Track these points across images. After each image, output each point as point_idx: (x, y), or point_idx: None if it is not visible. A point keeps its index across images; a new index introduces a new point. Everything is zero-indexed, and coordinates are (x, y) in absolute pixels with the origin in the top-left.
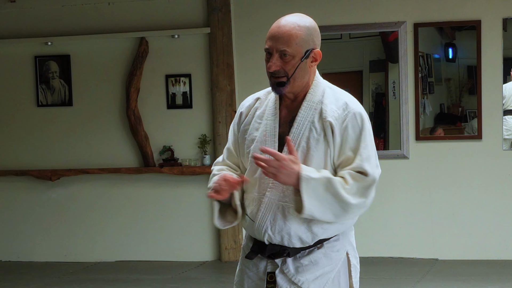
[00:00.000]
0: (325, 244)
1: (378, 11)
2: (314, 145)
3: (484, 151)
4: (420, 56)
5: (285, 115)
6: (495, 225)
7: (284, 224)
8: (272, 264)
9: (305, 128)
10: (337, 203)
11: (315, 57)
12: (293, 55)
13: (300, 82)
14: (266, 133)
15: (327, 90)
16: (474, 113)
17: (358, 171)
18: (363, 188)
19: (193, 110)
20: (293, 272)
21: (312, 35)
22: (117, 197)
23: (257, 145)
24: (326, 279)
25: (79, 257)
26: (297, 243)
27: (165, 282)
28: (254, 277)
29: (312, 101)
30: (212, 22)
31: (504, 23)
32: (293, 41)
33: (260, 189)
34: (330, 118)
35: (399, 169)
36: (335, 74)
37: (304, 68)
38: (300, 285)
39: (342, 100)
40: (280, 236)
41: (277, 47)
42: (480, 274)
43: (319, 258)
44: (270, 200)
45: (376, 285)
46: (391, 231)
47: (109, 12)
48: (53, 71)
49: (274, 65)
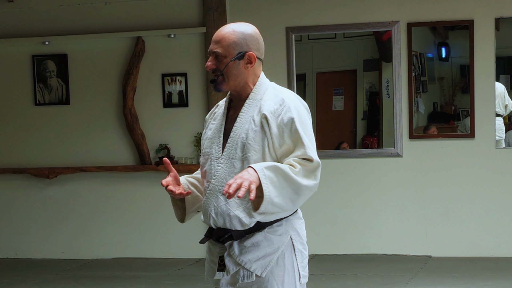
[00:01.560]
0: (266, 228)
1: (372, 10)
2: (252, 136)
3: (476, 149)
4: (414, 55)
5: (232, 113)
6: (488, 223)
7: (225, 207)
8: (221, 248)
9: (246, 122)
10: (289, 186)
11: (250, 60)
12: (224, 55)
13: (235, 81)
14: (215, 130)
15: (270, 89)
16: (467, 111)
17: (303, 158)
18: (310, 172)
19: (189, 108)
20: (237, 254)
21: (245, 39)
22: (114, 195)
23: (208, 142)
24: (268, 260)
25: (76, 254)
26: (237, 225)
27: (161, 278)
28: (211, 263)
29: (255, 99)
30: (208, 21)
31: (497, 22)
32: (224, 43)
33: (208, 178)
34: (266, 111)
35: (392, 167)
36: (330, 73)
37: (236, 67)
38: (243, 265)
39: (280, 97)
40: (223, 218)
41: (212, 48)
42: (473, 271)
43: (260, 241)
44: (214, 187)
45: (370, 282)
46: (385, 228)
47: (106, 12)
48: (50, 70)
49: (210, 64)
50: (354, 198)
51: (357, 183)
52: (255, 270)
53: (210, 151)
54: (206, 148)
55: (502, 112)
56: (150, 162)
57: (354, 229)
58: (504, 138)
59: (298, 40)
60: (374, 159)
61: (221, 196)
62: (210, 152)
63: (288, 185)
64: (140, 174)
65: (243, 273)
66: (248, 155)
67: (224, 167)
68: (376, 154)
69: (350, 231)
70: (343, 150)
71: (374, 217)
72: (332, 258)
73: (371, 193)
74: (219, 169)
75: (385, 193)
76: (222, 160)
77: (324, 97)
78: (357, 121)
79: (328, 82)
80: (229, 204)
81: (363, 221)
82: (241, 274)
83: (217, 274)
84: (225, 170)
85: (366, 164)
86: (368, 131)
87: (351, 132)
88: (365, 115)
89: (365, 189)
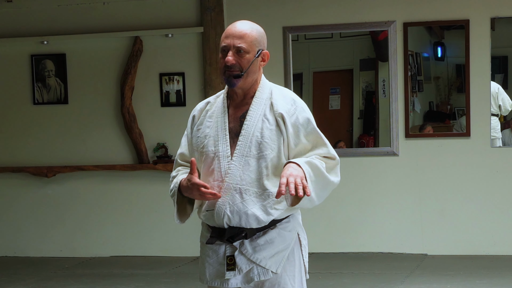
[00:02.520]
0: (278, 225)
1: (368, 10)
2: (268, 135)
3: (472, 148)
4: (410, 55)
5: (233, 112)
6: (483, 221)
7: (242, 205)
8: (231, 248)
9: (258, 120)
10: (320, 182)
11: (264, 58)
12: (248, 51)
13: (251, 78)
14: (217, 128)
15: (274, 89)
16: (463, 111)
17: (325, 156)
18: (332, 169)
19: (187, 108)
20: (251, 252)
21: (262, 38)
22: (112, 194)
23: (210, 140)
24: (281, 256)
25: (74, 253)
26: (254, 223)
27: (159, 277)
28: (214, 264)
29: (262, 97)
30: (205, 21)
31: (492, 22)
32: (248, 38)
33: (216, 177)
34: (281, 110)
35: (388, 166)
36: (326, 73)
37: (255, 65)
38: (258, 263)
39: (289, 97)
40: (238, 217)
41: (234, 43)
42: (469, 269)
43: (274, 238)
44: (229, 185)
45: (366, 280)
46: (381, 227)
47: (104, 12)
48: (49, 69)
49: (232, 59)
50: (351, 196)
51: (353, 182)
52: (270, 267)
53: (216, 150)
54: (209, 147)
55: (496, 111)
56: (148, 161)
57: (351, 228)
58: (499, 137)
59: (295, 39)
60: (370, 158)
61: (237, 194)
62: (217, 151)
63: (320, 181)
64: (138, 173)
65: (257, 271)
66: (265, 153)
67: (238, 165)
68: (372, 153)
69: (347, 229)
70: (339, 149)
71: (371, 216)
72: (329, 256)
73: (368, 192)
74: (233, 167)
75: (381, 192)
76: (235, 158)
77: (320, 96)
78: (354, 120)
79: (324, 81)
80: (246, 202)
81: (359, 219)
82: (256, 271)
83: (227, 274)
84: (239, 168)
85: (362, 163)
86: (365, 130)
87: (348, 131)
88: (362, 114)
89: (362, 188)
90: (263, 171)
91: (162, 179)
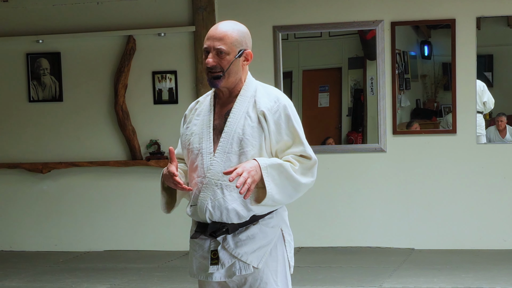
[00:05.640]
0: (260, 221)
1: (357, 10)
2: (249, 132)
3: (458, 144)
4: (397, 54)
5: (220, 110)
6: (469, 216)
7: (223, 200)
8: (214, 242)
9: (241, 117)
10: (290, 184)
11: (247, 57)
12: (228, 52)
13: (234, 78)
14: (203, 125)
15: (259, 87)
16: (449, 108)
17: (301, 155)
18: (308, 169)
19: (179, 105)
20: (233, 247)
21: (244, 38)
22: (105, 189)
23: (196, 137)
24: (263, 252)
25: (69, 247)
26: (234, 218)
27: (152, 270)
28: (200, 258)
29: (246, 95)
30: (197, 20)
31: (478, 21)
32: (228, 40)
33: (199, 173)
34: (263, 108)
35: (376, 162)
36: (315, 71)
37: (237, 65)
38: (239, 258)
39: (273, 94)
40: (220, 212)
41: (214, 45)
42: (455, 263)
43: (255, 233)
44: (210, 180)
45: (354, 273)
46: (369, 221)
47: (98, 11)
48: (44, 68)
49: (212, 61)
50: (339, 192)
51: (342, 178)
52: (252, 262)
53: (200, 146)
54: (194, 144)
55: (481, 108)
56: (141, 157)
57: (339, 223)
58: (484, 134)
59: (285, 38)
60: (359, 154)
61: (218, 189)
62: (200, 148)
63: (289, 183)
64: (131, 169)
65: (239, 265)
66: (246, 149)
67: (220, 161)
68: (361, 149)
69: (335, 224)
70: (328, 145)
71: (359, 211)
72: (318, 250)
73: (356, 188)
74: (215, 163)
75: (369, 188)
76: (217, 155)
77: (310, 94)
78: (342, 118)
79: (314, 79)
80: (226, 197)
81: (348, 214)
82: (238, 266)
83: (211, 268)
84: (221, 164)
85: (351, 159)
86: (353, 127)
87: (336, 128)
88: (350, 112)
89: (350, 184)
90: None
91: (154, 175)
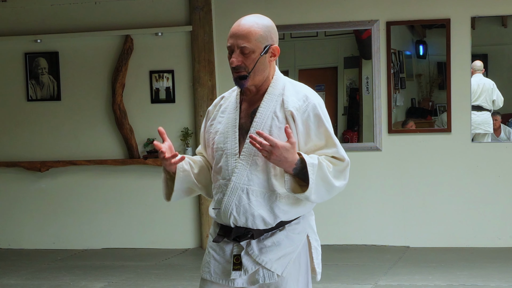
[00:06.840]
0: (286, 227)
1: (352, 10)
2: (276, 133)
3: (453, 143)
4: (392, 53)
5: (246, 108)
6: (463, 214)
7: (249, 206)
8: (237, 247)
9: (267, 118)
10: (324, 185)
11: (274, 53)
12: (253, 50)
13: (261, 75)
14: (228, 124)
15: (288, 84)
16: (444, 107)
17: (334, 157)
18: (341, 171)
19: (176, 104)
20: (257, 253)
21: (270, 32)
22: (103, 188)
23: (220, 137)
24: (288, 259)
25: (67, 245)
26: (260, 224)
27: (149, 268)
28: (221, 260)
29: (274, 93)
30: (194, 20)
31: (472, 21)
32: (252, 37)
33: (225, 175)
34: (291, 108)
35: (372, 160)
36: (312, 70)
37: (263, 62)
38: (264, 265)
39: (302, 93)
40: (245, 218)
41: (237, 43)
42: (450, 261)
43: (281, 240)
44: (235, 184)
45: (350, 271)
46: (365, 219)
47: (96, 11)
48: (42, 67)
49: (236, 60)
50: None
51: None
52: (276, 269)
53: (225, 147)
54: (218, 143)
55: (489, 107)
56: (138, 156)
57: (335, 220)
58: (491, 132)
59: (281, 38)
60: (354, 153)
61: (243, 194)
62: (225, 148)
63: (323, 185)
64: (129, 167)
65: (263, 273)
66: None
67: (245, 163)
68: (356, 148)
69: (331, 222)
70: None
71: (355, 209)
72: None
73: (352, 186)
74: (240, 166)
75: (365, 186)
76: (242, 157)
77: None
78: (338, 116)
79: (310, 78)
80: (252, 203)
81: (343, 212)
82: (261, 274)
83: (233, 273)
84: (246, 167)
85: None
86: (349, 126)
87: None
88: (346, 111)
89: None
90: (271, 171)
91: (152, 174)
